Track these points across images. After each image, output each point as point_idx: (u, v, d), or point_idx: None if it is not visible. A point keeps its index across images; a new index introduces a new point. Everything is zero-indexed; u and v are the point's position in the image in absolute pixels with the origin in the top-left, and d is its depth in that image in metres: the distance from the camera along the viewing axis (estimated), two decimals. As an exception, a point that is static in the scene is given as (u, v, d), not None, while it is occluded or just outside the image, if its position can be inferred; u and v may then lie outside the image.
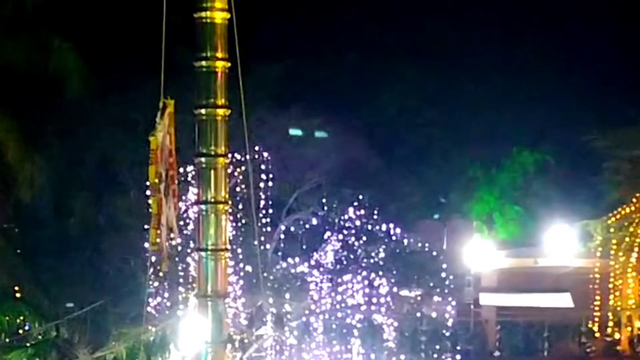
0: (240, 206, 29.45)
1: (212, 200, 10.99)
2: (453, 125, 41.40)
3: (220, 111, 11.07)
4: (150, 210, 10.62)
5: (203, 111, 11.04)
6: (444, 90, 41.72)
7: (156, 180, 10.46)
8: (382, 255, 32.06)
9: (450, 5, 41.65)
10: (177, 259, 29.11)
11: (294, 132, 29.19)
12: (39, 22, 23.45)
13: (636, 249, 33.88)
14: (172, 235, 10.80)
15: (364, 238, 32.19)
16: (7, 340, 23.30)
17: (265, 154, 30.28)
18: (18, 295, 26.26)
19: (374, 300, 31.30)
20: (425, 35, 42.13)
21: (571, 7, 41.82)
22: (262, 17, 34.49)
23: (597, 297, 34.90)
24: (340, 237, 31.99)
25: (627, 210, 34.17)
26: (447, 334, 32.94)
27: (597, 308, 34.89)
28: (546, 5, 42.49)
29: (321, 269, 31.30)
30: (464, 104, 41.61)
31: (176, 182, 10.85)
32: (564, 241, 35.89)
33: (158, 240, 10.69)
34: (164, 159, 10.61)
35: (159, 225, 10.62)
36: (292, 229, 32.10)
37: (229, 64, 11.12)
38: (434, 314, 32.90)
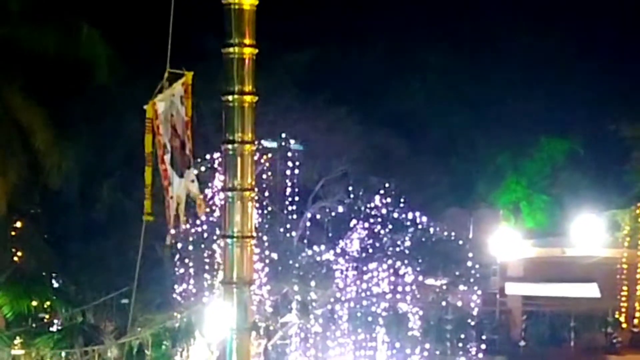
0: (266, 193, 29.48)
1: (239, 187, 10.99)
2: (480, 114, 41.25)
3: (248, 98, 11.07)
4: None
5: (230, 97, 11.03)
6: (471, 79, 41.56)
7: (159, 152, 10.45)
8: (407, 243, 32.00)
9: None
10: (202, 245, 29.18)
11: (269, 144, 29.14)
12: (67, 9, 23.51)
13: (664, 240, 33.72)
14: (200, 203, 10.78)
15: (390, 226, 32.14)
16: (34, 325, 23.44)
17: (292, 141, 30.28)
18: (45, 280, 26.39)
19: (399, 288, 31.25)
20: (452, 23, 41.98)
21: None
22: (289, 5, 34.43)
23: (624, 288, 34.77)
24: (366, 225, 31.95)
25: (656, 200, 34.01)
26: (473, 323, 32.86)
27: (624, 299, 34.77)
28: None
29: (347, 257, 31.28)
30: (491, 93, 41.44)
31: (191, 153, 10.79)
32: (592, 231, 35.74)
33: (168, 213, 10.67)
34: (170, 129, 10.58)
35: (151, 195, 10.63)
36: (318, 216, 32.08)
37: (257, 51, 11.09)
38: (459, 303, 32.83)
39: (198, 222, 29.15)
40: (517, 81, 41.85)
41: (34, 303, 23.85)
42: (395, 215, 32.26)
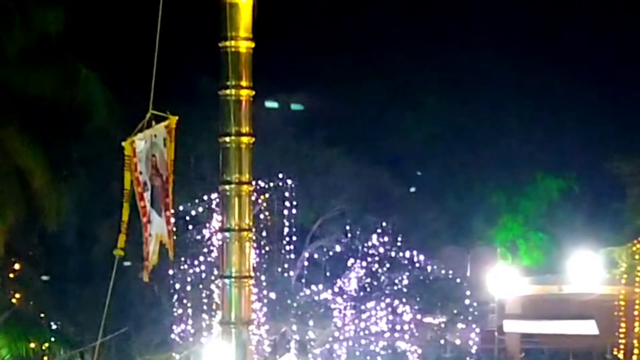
0: (264, 233, 29.57)
1: (236, 227, 11.04)
2: (476, 152, 41.42)
3: (245, 139, 11.14)
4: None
5: (227, 139, 11.11)
6: (467, 118, 41.77)
7: (137, 189, 10.53)
8: (405, 282, 32.07)
9: (471, 34, 41.79)
10: (201, 285, 29.21)
11: (271, 104, 28.66)
12: (65, 52, 23.69)
13: (661, 276, 33.73)
14: (168, 250, 10.84)
15: (388, 265, 32.22)
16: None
17: (289, 182, 30.41)
18: (43, 322, 26.39)
19: (398, 327, 31.28)
20: (448, 63, 42.25)
21: (594, 33, 41.88)
22: (286, 48, 34.70)
23: (623, 325, 34.74)
24: (364, 264, 32.02)
25: (652, 236, 34.04)
26: (471, 361, 32.86)
27: (622, 335, 34.73)
28: (569, 31, 42.56)
29: (345, 296, 31.33)
30: (487, 131, 41.63)
31: (171, 195, 10.83)
32: (589, 268, 35.76)
33: (146, 249, 10.72)
34: (151, 168, 10.65)
35: (127, 231, 10.68)
36: (316, 256, 32.15)
37: (254, 93, 11.22)
38: (457, 341, 32.84)
39: (196, 262, 29.23)
40: (512, 120, 42.06)
41: (33, 345, 23.85)
42: (393, 254, 32.34)
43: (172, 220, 10.81)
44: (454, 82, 42.16)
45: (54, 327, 27.08)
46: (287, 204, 30.32)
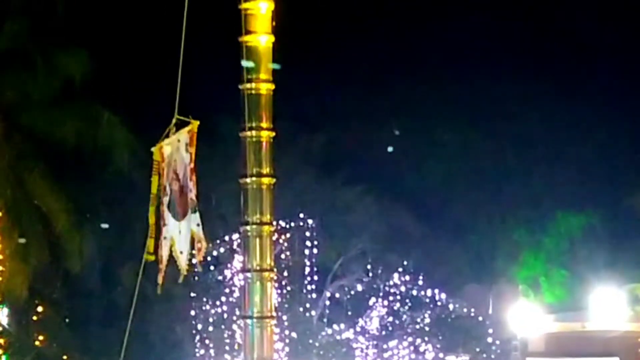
0: (285, 273, 29.63)
1: (258, 268, 11.11)
2: (497, 190, 41.36)
3: (266, 180, 11.23)
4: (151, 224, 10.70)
5: (248, 180, 11.21)
6: (488, 155, 41.76)
7: (157, 192, 10.61)
8: (427, 320, 31.99)
9: (492, 69, 41.87)
10: (223, 326, 29.25)
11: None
12: (88, 96, 23.93)
13: (685, 313, 33.51)
14: (201, 245, 10.85)
15: (409, 303, 32.17)
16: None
17: (310, 221, 30.48)
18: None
19: (421, 366, 31.18)
20: (467, 101, 42.32)
21: (617, 67, 41.90)
22: (304, 87, 34.86)
23: (647, 362, 34.51)
24: (386, 302, 31.98)
25: (675, 273, 33.87)
26: (495, 399, 32.69)
27: (646, 373, 34.49)
28: (591, 65, 42.59)
29: (367, 335, 31.27)
30: (507, 169, 41.61)
31: (197, 198, 10.89)
32: (612, 305, 35.57)
33: (160, 252, 10.77)
34: (171, 173, 10.74)
35: (155, 234, 10.73)
36: (337, 295, 32.13)
37: (274, 134, 11.32)
38: (481, 380, 32.68)
39: (218, 302, 29.30)
40: (534, 156, 42.03)
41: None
42: (414, 292, 32.30)
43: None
44: (475, 118, 42.18)
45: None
46: (308, 243, 30.37)
